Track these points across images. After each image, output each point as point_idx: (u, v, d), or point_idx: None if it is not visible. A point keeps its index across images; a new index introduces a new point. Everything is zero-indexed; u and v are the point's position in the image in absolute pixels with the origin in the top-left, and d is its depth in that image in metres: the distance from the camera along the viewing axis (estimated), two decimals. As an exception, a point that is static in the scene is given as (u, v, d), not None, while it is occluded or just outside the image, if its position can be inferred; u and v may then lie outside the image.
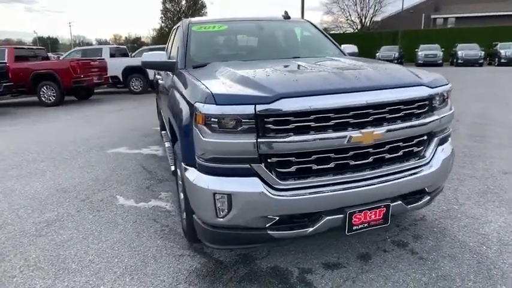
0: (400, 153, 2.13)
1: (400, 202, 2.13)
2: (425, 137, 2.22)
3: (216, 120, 1.84)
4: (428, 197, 2.29)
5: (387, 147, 2.06)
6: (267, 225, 1.97)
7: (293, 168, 1.92)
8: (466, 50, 23.85)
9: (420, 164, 2.18)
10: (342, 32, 42.74)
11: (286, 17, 3.77)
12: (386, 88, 2.03)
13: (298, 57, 3.11)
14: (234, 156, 1.88)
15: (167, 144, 3.29)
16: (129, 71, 12.83)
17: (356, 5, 43.31)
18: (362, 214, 2.01)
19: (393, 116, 2.04)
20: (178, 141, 2.43)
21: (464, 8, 39.11)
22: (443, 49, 24.82)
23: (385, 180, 2.04)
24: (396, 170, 2.10)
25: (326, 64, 2.64)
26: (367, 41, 30.49)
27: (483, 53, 23.49)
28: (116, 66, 12.63)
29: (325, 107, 1.87)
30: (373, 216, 2.04)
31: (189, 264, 2.36)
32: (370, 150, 2.02)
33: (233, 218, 1.93)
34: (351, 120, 1.94)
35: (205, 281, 2.18)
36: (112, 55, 13.29)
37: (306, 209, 1.95)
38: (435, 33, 31.58)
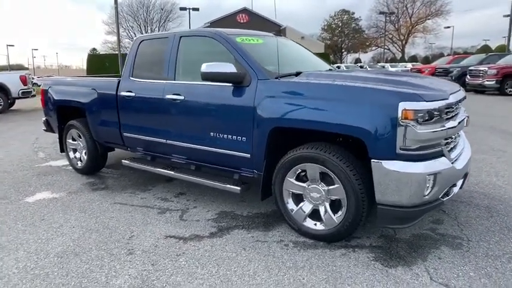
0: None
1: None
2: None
3: (422, 114, 2.28)
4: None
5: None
6: (441, 195, 2.53)
7: (448, 148, 2.59)
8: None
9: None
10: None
11: (278, 34, 4.17)
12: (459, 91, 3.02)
13: (331, 70, 3.67)
14: (432, 142, 2.36)
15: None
16: None
17: (140, 26, 43.82)
18: (467, 176, 2.91)
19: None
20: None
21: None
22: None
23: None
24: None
25: (402, 73, 3.35)
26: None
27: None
28: None
29: (456, 100, 2.66)
30: (467, 176, 2.98)
31: (366, 257, 2.51)
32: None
33: (434, 193, 2.39)
34: (457, 110, 2.81)
35: (394, 259, 2.46)
36: None
37: (462, 174, 2.66)
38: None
